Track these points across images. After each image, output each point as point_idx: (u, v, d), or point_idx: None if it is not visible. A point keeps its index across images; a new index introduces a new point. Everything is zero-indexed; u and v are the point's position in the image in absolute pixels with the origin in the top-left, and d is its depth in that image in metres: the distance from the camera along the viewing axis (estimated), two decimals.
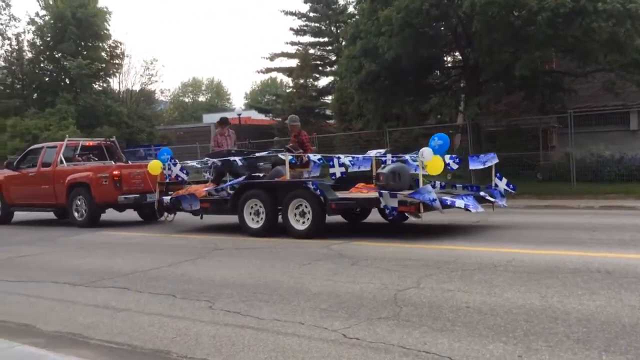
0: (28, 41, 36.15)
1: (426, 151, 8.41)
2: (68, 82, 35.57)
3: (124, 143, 32.52)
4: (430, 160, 8.40)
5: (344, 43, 26.66)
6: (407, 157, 9.69)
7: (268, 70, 46.53)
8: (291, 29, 42.32)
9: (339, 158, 10.12)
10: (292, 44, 42.40)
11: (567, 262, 6.36)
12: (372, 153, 10.50)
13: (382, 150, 10.94)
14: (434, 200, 8.24)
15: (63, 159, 13.85)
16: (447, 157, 9.47)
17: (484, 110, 18.04)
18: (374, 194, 9.08)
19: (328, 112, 39.65)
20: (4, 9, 35.23)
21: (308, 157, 10.55)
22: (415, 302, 5.02)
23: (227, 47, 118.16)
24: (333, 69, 39.69)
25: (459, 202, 8.58)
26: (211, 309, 5.20)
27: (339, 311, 4.87)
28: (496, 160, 9.90)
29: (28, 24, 35.81)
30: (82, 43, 35.25)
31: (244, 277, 6.50)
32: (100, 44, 36.88)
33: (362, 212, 11.25)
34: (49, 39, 35.24)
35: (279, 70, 45.15)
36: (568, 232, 9.13)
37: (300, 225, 9.40)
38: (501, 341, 3.96)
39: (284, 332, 4.42)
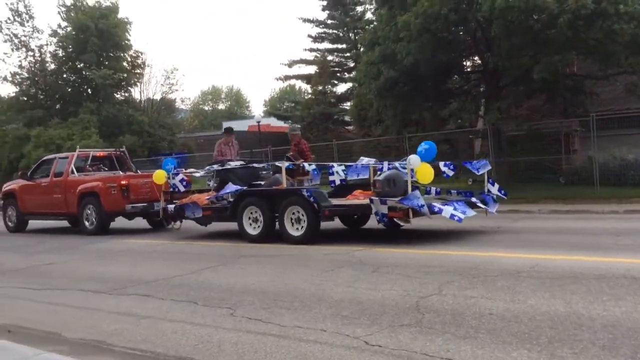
0: (50, 52, 36.77)
1: (413, 158, 8.56)
2: (90, 92, 36.08)
3: (146, 151, 32.93)
4: (419, 167, 8.54)
5: (362, 49, 26.70)
6: (396, 164, 9.92)
7: (287, 77, 46.79)
8: (309, 36, 42.49)
9: (332, 167, 10.39)
10: (311, 50, 42.60)
11: (592, 268, 6.27)
12: (364, 161, 10.76)
13: (373, 159, 11.14)
14: (422, 206, 8.41)
15: (74, 169, 14.24)
16: (441, 164, 9.86)
17: (505, 114, 17.91)
18: (365, 201, 9.32)
19: (347, 118, 39.67)
20: (27, 21, 35.88)
21: (303, 165, 10.74)
22: (437, 309, 4.99)
23: (246, 55, 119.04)
24: (351, 75, 39.73)
25: (446, 211, 8.68)
26: (233, 316, 5.22)
27: (361, 318, 4.86)
28: (489, 167, 10.11)
29: (50, 35, 36.44)
30: (104, 54, 35.75)
31: (265, 284, 6.52)
32: (122, 54, 37.38)
33: (361, 218, 11.33)
34: (71, 50, 35.81)
35: (297, 77, 45.37)
36: (592, 237, 9.01)
37: (295, 231, 9.63)
38: (525, 348, 3.91)
39: (305, 339, 4.42)
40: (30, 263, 9.46)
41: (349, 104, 39.65)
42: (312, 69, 41.57)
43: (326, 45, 42.12)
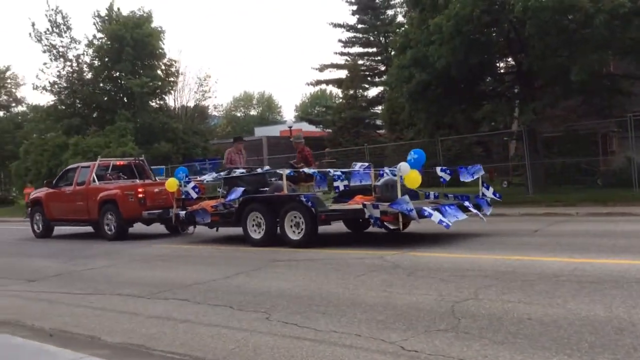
0: (86, 63, 37.63)
1: (403, 166, 9.08)
2: (126, 101, 36.78)
3: (180, 158, 33.37)
4: (408, 174, 9.01)
5: (393, 53, 26.61)
6: (387, 170, 10.50)
7: (318, 82, 46.85)
8: (340, 40, 42.54)
9: (328, 172, 11.33)
10: (341, 54, 42.65)
11: (633, 271, 6.13)
12: (357, 166, 11.45)
13: (366, 164, 11.79)
14: (411, 210, 8.82)
15: (95, 178, 14.95)
16: (438, 169, 10.66)
17: (540, 115, 17.61)
18: (359, 206, 9.70)
19: (378, 122, 39.54)
20: (65, 32, 36.77)
21: (303, 171, 11.31)
22: (474, 313, 4.93)
23: (277, 60, 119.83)
24: (382, 79, 39.65)
25: (436, 216, 9.00)
26: (268, 320, 5.25)
27: (396, 323, 4.84)
28: (482, 172, 10.48)
29: (87, 46, 37.29)
30: (139, 62, 36.40)
31: (299, 288, 6.55)
32: (156, 63, 38.00)
33: (365, 222, 11.28)
34: (106, 59, 36.59)
35: (328, 82, 45.41)
36: (632, 239, 8.79)
37: (295, 235, 10.04)
38: (565, 354, 3.85)
39: (341, 343, 4.42)
40: (71, 268, 9.69)
41: (380, 107, 39.53)
42: (343, 74, 41.61)
43: (357, 49, 42.15)
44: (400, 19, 38.19)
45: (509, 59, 21.23)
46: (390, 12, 40.74)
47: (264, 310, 5.60)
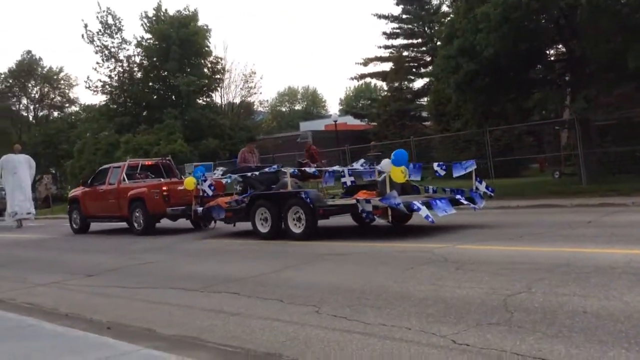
0: (136, 62, 38.57)
1: (384, 163, 9.78)
2: (174, 99, 37.56)
3: (227, 154, 33.88)
4: (391, 170, 9.62)
5: (439, 43, 26.24)
6: (378, 167, 10.92)
7: (362, 76, 46.72)
8: (384, 32, 42.22)
9: (329, 170, 12.27)
10: (385, 47, 42.31)
11: None
12: (358, 164, 12.33)
13: (362, 161, 12.63)
14: (399, 204, 9.33)
15: (125, 177, 15.94)
16: (434, 164, 11.39)
17: (592, 103, 17.04)
18: (353, 201, 10.35)
19: (424, 114, 39.09)
20: (116, 33, 37.79)
21: (304, 170, 12.12)
22: (527, 307, 4.84)
23: (321, 54, 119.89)
24: (428, 70, 39.15)
25: (424, 210, 9.40)
26: (318, 313, 5.30)
27: (447, 316, 4.80)
28: (475, 167, 10.95)
29: (136, 46, 38.21)
30: (186, 61, 37.09)
31: (348, 282, 6.56)
32: (202, 61, 38.64)
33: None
34: (154, 59, 37.42)
35: (372, 75, 45.20)
36: None
37: (297, 229, 10.71)
38: (623, 347, 3.74)
39: (391, 337, 4.42)
40: (125, 263, 9.99)
41: (426, 99, 39.07)
42: (387, 66, 41.33)
43: (401, 41, 41.76)
44: (445, 8, 37.62)
45: (559, 46, 20.59)
46: (435, 2, 40.19)
47: (313, 303, 5.64)
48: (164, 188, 14.73)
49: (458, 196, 10.55)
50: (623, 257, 6.46)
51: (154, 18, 38.01)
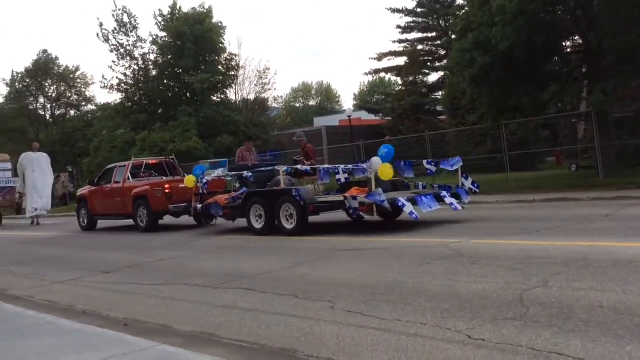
0: (151, 60, 38.74)
1: (375, 161, 10.02)
2: (189, 96, 37.69)
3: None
4: (380, 168, 9.86)
5: (454, 37, 26.00)
6: (364, 165, 11.09)
7: (376, 71, 46.55)
8: (398, 26, 42.04)
9: (321, 168, 12.93)
10: (400, 42, 42.12)
11: None
12: (341, 168, 12.59)
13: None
14: (383, 201, 9.70)
15: (130, 176, 16.36)
16: (424, 161, 12.00)
17: (610, 96, 16.80)
18: (341, 198, 10.83)
19: (439, 108, 38.83)
20: (131, 32, 37.98)
21: (296, 168, 12.41)
22: (543, 302, 4.80)
23: (335, 50, 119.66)
24: (442, 64, 38.90)
25: (408, 207, 9.79)
26: (333, 309, 5.30)
27: (462, 312, 4.77)
28: (461, 164, 11.24)
29: (152, 44, 38.37)
30: (200, 58, 37.17)
31: (363, 277, 6.56)
32: (217, 58, 38.70)
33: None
34: (169, 56, 37.55)
35: (387, 70, 45.02)
36: None
37: (289, 225, 11.09)
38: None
39: (406, 332, 4.41)
40: (141, 260, 10.06)
41: (440, 93, 38.83)
42: (401, 61, 41.14)
43: (415, 35, 41.56)
44: (460, 1, 37.29)
45: (576, 38, 20.30)
46: None
47: (328, 299, 5.64)
48: (167, 186, 15.17)
49: (443, 193, 10.77)
50: None
51: (168, 16, 38.13)
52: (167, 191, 15.04)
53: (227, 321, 5.31)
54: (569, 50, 21.41)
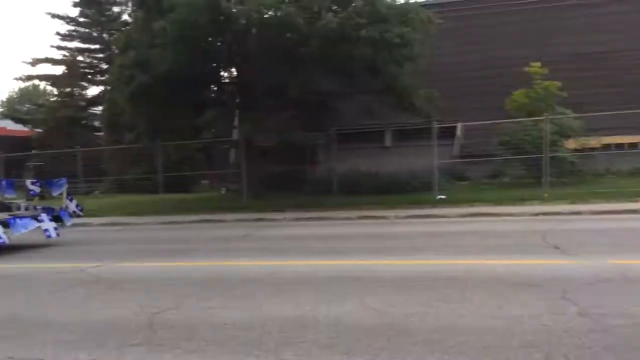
0: None
1: None
2: None
3: None
4: None
5: (116, 51, 25.24)
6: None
7: (29, 77, 42.37)
8: (58, 33, 38.94)
9: None
10: (59, 48, 39.10)
11: (321, 270, 6.71)
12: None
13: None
14: None
15: None
16: (28, 182, 11.74)
17: (257, 125, 18.42)
18: None
19: (97, 123, 37.25)
20: None
21: None
22: (172, 324, 4.82)
23: None
24: (104, 78, 37.48)
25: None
26: None
27: (87, 342, 4.45)
28: (66, 185, 11.40)
29: None
30: None
31: None
32: None
33: None
34: None
35: (42, 78, 41.25)
36: (325, 242, 9.63)
37: None
38: (253, 355, 3.97)
39: None
40: None
41: (100, 108, 37.27)
42: (59, 69, 38.16)
43: (77, 44, 39.13)
44: (126, 17, 36.58)
45: (233, 70, 21.79)
46: (116, 9, 38.79)
47: None
48: None
49: (43, 215, 10.32)
50: (269, 268, 7.02)
51: None
52: None
53: None
54: (226, 80, 22.85)
